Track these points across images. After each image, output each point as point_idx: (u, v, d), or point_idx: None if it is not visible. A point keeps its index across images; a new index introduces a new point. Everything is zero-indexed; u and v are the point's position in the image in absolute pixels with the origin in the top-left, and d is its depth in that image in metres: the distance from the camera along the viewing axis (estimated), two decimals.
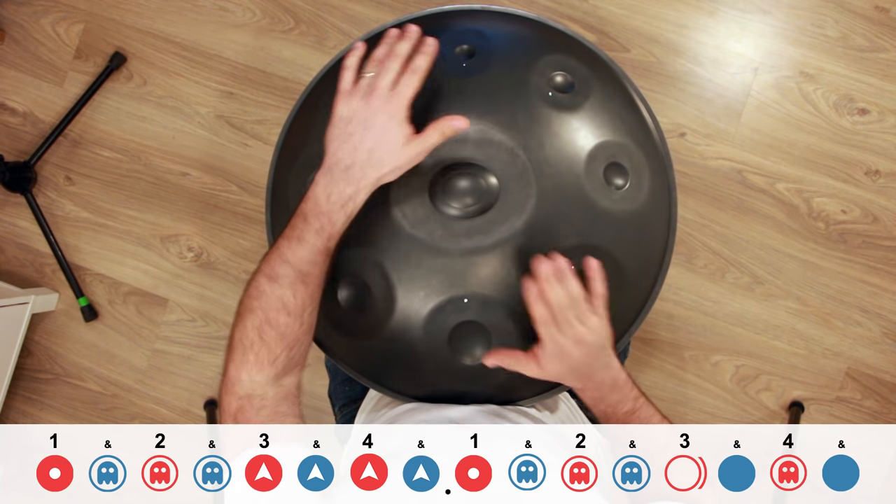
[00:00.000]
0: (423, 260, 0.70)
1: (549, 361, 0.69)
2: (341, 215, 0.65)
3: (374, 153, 0.64)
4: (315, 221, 0.64)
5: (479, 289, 0.70)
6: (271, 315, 0.64)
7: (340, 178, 0.64)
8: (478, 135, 0.71)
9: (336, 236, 0.66)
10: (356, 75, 0.66)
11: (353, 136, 0.64)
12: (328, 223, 0.64)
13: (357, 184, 0.64)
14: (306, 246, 0.64)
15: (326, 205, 0.64)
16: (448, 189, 0.71)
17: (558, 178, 0.70)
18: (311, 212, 0.65)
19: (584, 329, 0.67)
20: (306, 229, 0.64)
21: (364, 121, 0.64)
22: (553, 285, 0.66)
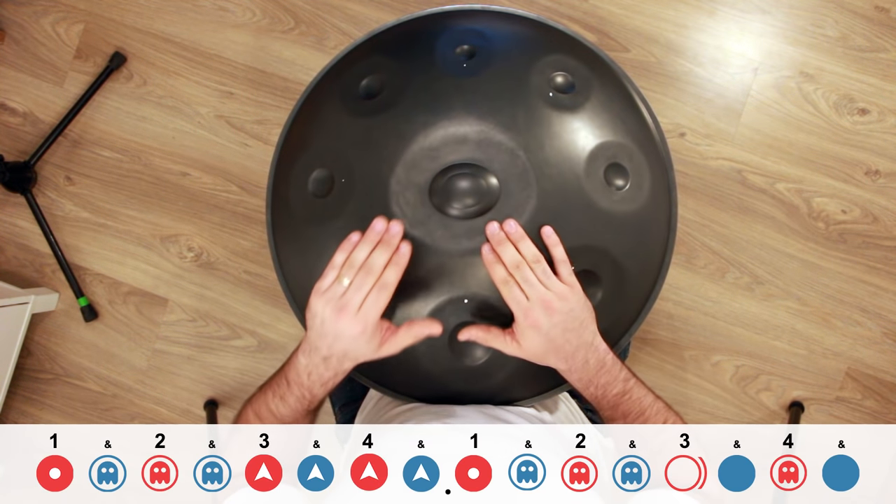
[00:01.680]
0: (424, 260, 0.70)
1: (523, 334, 0.68)
2: (321, 391, 0.70)
3: (347, 355, 0.68)
4: (296, 390, 0.70)
5: (479, 289, 0.70)
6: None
7: (320, 364, 0.68)
8: (478, 135, 0.71)
9: (317, 402, 0.71)
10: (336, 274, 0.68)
11: (326, 336, 0.67)
12: (308, 395, 0.70)
13: (335, 370, 0.69)
14: (288, 407, 0.70)
15: (307, 381, 0.69)
16: (448, 189, 0.71)
17: (559, 178, 0.70)
18: (294, 381, 0.70)
19: (549, 294, 0.67)
20: (289, 393, 0.70)
21: (334, 332, 0.67)
22: (505, 245, 0.67)
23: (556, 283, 0.67)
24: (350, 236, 0.69)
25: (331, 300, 0.66)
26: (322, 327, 0.67)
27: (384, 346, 0.68)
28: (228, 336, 1.60)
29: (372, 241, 0.67)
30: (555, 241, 0.69)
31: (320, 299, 0.67)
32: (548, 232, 0.69)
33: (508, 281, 0.67)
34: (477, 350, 0.73)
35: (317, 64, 1.56)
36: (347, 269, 0.67)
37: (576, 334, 0.68)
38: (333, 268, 0.68)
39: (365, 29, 1.55)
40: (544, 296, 0.67)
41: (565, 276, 0.68)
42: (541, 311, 0.67)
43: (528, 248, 0.67)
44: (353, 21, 1.56)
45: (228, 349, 1.60)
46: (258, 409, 0.72)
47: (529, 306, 0.67)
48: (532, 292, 0.67)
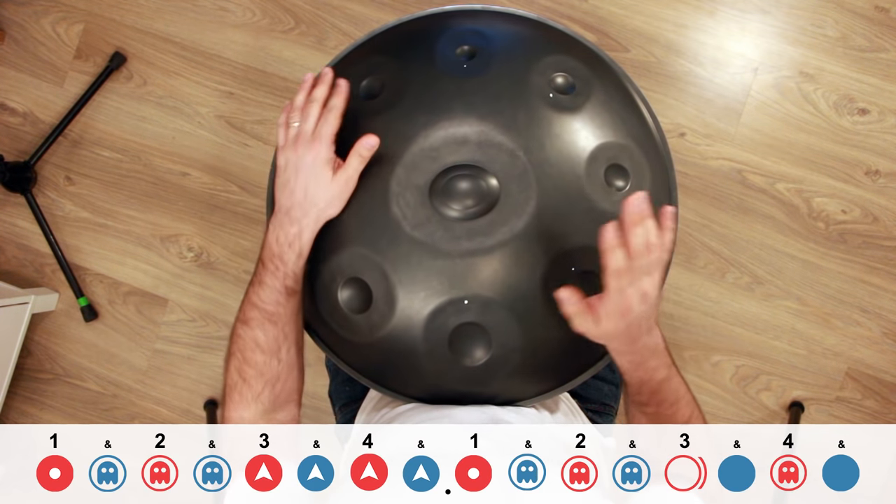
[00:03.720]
0: (424, 261, 0.70)
1: (609, 317, 0.63)
2: (290, 254, 0.70)
3: (308, 192, 0.69)
4: (270, 264, 0.71)
5: (479, 290, 0.70)
6: (248, 355, 0.71)
7: (284, 220, 0.70)
8: (478, 136, 0.71)
9: (292, 275, 0.71)
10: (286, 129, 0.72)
11: (289, 181, 0.70)
12: (280, 263, 0.70)
13: (299, 223, 0.70)
14: (267, 288, 0.71)
15: (276, 247, 0.70)
16: (448, 191, 0.71)
17: (559, 179, 0.70)
18: (266, 256, 0.71)
19: (650, 283, 0.61)
20: (264, 273, 0.71)
21: (295, 166, 0.70)
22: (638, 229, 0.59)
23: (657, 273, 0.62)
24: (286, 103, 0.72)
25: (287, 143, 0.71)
26: (285, 173, 0.70)
27: (338, 174, 0.69)
28: (228, 336, 1.60)
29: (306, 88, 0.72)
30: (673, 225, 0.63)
31: (280, 152, 0.71)
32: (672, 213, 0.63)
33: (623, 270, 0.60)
34: (477, 350, 0.73)
35: (317, 64, 1.56)
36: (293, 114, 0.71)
37: (648, 319, 0.64)
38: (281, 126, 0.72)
39: (365, 29, 1.55)
40: (646, 286, 0.61)
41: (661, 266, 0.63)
42: (638, 299, 0.61)
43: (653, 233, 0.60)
44: (353, 21, 1.56)
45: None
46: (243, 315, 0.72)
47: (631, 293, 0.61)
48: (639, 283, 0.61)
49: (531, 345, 0.72)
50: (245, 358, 0.71)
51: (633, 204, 0.60)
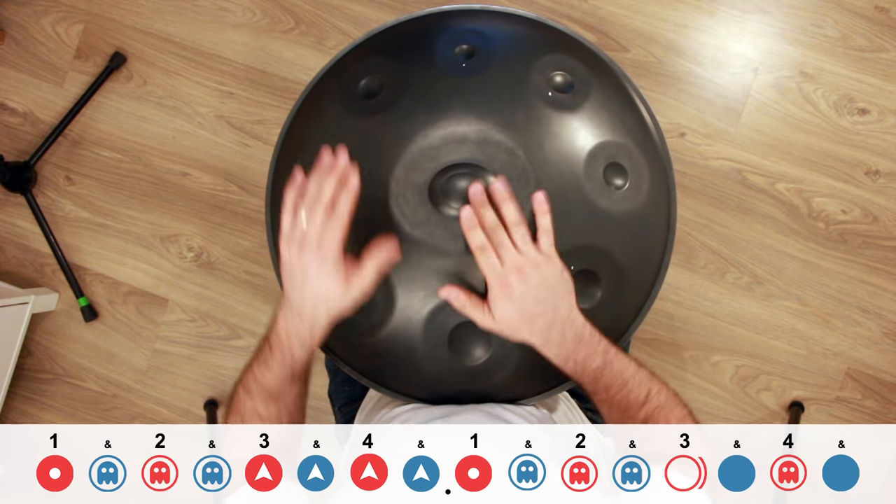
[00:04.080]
0: (423, 260, 0.70)
1: (496, 302, 0.66)
2: (300, 351, 0.69)
3: (318, 297, 0.67)
4: (277, 353, 0.69)
5: (479, 289, 0.70)
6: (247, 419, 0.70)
7: (295, 318, 0.68)
8: (477, 135, 0.71)
9: (299, 365, 0.70)
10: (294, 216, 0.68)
11: (295, 281, 0.67)
12: (289, 356, 0.69)
13: (311, 323, 0.68)
14: (272, 373, 0.69)
15: (286, 340, 0.69)
16: (448, 189, 0.71)
17: (558, 178, 0.70)
18: (275, 344, 0.69)
19: (523, 259, 0.65)
20: (271, 357, 0.69)
21: (302, 272, 0.67)
22: (486, 208, 0.66)
23: (531, 250, 0.66)
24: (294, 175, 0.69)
25: (292, 241, 0.67)
26: (291, 273, 0.67)
27: (351, 281, 0.67)
28: (228, 336, 1.60)
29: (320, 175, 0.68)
30: (544, 209, 0.67)
31: (285, 245, 0.68)
32: (540, 199, 0.67)
33: (486, 247, 0.66)
34: (477, 350, 0.73)
35: (317, 64, 1.55)
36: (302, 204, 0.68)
37: (550, 305, 0.66)
38: (288, 211, 0.68)
39: (365, 29, 1.55)
40: (517, 261, 0.65)
41: (544, 246, 0.66)
42: (514, 276, 0.65)
43: (511, 210, 0.66)
44: (353, 21, 1.56)
45: (228, 349, 1.60)
46: (246, 383, 0.71)
47: (503, 272, 0.65)
48: (507, 257, 0.65)
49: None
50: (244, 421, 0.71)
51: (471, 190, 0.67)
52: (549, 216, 0.67)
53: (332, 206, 0.66)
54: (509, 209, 0.66)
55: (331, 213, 0.66)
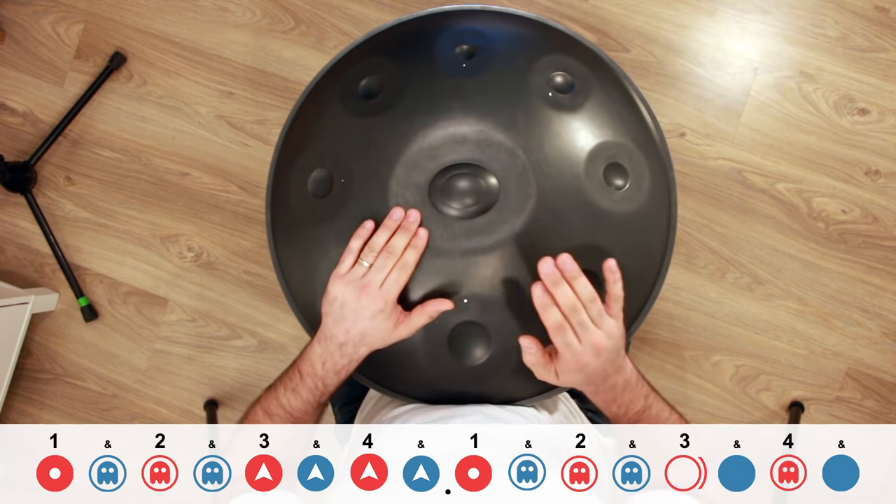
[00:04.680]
0: (423, 260, 0.70)
1: (566, 373, 0.66)
2: (334, 380, 0.71)
3: (364, 336, 0.69)
4: (309, 381, 0.71)
5: (479, 289, 0.70)
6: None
7: (335, 350, 0.70)
8: (478, 135, 0.71)
9: (328, 394, 0.72)
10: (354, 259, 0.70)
11: (345, 319, 0.69)
12: (321, 385, 0.71)
13: (350, 357, 0.70)
14: (300, 399, 0.71)
15: (321, 370, 0.70)
16: (448, 189, 0.71)
17: (558, 178, 0.70)
18: (307, 372, 0.71)
19: (601, 335, 0.64)
20: (301, 385, 0.71)
21: (354, 311, 0.69)
22: (562, 287, 0.63)
23: (608, 322, 0.65)
24: (364, 223, 0.70)
25: (351, 282, 0.69)
26: (342, 310, 0.69)
27: (399, 327, 0.69)
28: (228, 336, 1.60)
29: (390, 228, 0.70)
30: (616, 277, 0.65)
31: (340, 282, 0.69)
32: (612, 267, 0.65)
33: (564, 326, 0.64)
34: (476, 350, 0.73)
35: (317, 64, 1.56)
36: (367, 252, 0.69)
37: (613, 366, 0.67)
38: (351, 253, 0.70)
39: (365, 29, 1.55)
40: (596, 338, 0.64)
41: (615, 311, 0.66)
42: (591, 354, 0.64)
43: (585, 286, 0.64)
44: (353, 21, 1.56)
45: (228, 349, 1.60)
46: (267, 406, 0.72)
47: (582, 350, 0.64)
48: (586, 336, 0.64)
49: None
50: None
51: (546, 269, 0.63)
52: (620, 283, 0.66)
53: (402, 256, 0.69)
54: (584, 286, 0.64)
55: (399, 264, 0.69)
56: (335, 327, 0.69)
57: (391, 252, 0.68)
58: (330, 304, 0.70)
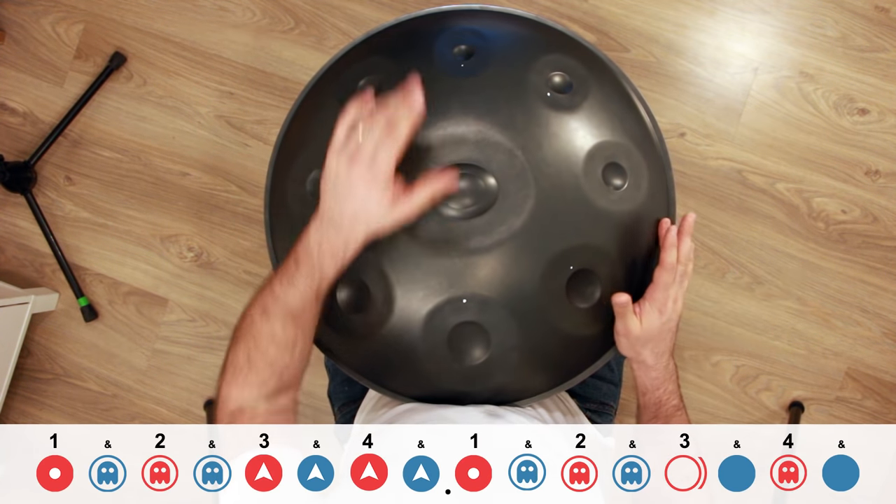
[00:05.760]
0: (422, 260, 0.70)
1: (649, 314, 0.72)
2: (331, 265, 0.67)
3: (359, 213, 0.66)
4: (305, 267, 0.67)
5: (477, 289, 0.70)
6: (261, 344, 0.67)
7: (330, 230, 0.67)
8: (476, 135, 0.71)
9: (326, 283, 0.68)
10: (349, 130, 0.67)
11: (339, 194, 0.66)
12: (318, 271, 0.67)
13: (346, 238, 0.67)
14: (296, 290, 0.67)
15: (317, 254, 0.67)
16: None
17: (557, 178, 0.70)
18: (303, 259, 0.67)
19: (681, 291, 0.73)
20: (297, 274, 0.67)
21: (349, 183, 0.66)
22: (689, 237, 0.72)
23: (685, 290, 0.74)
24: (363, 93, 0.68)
25: (344, 152, 0.66)
26: (335, 185, 0.66)
27: (398, 204, 0.66)
28: (228, 336, 1.60)
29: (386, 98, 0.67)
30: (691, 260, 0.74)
31: (334, 155, 0.67)
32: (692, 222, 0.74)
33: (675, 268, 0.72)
34: (475, 350, 0.73)
35: (316, 64, 1.55)
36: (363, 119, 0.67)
37: (672, 335, 0.74)
38: (345, 123, 0.67)
39: (365, 29, 1.55)
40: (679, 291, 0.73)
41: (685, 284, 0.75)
42: (671, 303, 0.72)
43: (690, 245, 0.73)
44: (353, 21, 1.56)
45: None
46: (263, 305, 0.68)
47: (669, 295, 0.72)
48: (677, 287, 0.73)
49: (530, 344, 0.72)
50: (257, 345, 0.67)
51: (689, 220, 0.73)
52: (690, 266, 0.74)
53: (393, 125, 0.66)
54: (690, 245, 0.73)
55: (390, 132, 0.65)
56: (332, 206, 0.66)
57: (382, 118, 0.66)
58: (326, 181, 0.67)
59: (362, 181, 0.65)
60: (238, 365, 0.67)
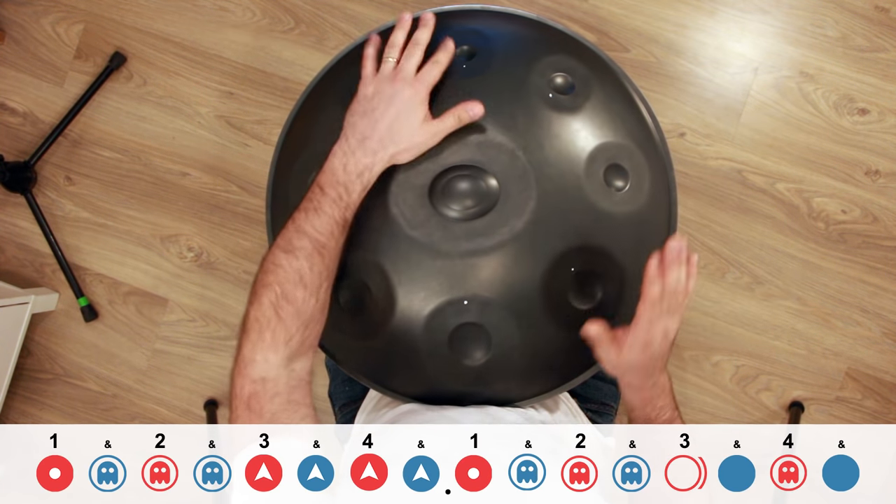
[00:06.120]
0: (423, 262, 0.70)
1: (632, 348, 0.67)
2: (357, 185, 0.66)
3: (393, 127, 0.66)
4: (332, 191, 0.66)
5: (479, 291, 0.70)
6: (288, 289, 0.63)
7: (357, 148, 0.66)
8: (478, 136, 0.71)
9: (353, 207, 0.67)
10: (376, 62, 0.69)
11: (375, 110, 0.66)
12: (345, 193, 0.66)
13: (374, 155, 0.66)
14: (323, 216, 0.65)
15: (343, 174, 0.66)
16: (448, 191, 0.71)
17: (558, 179, 0.70)
18: (328, 182, 0.66)
19: (672, 323, 0.66)
20: (324, 199, 0.65)
21: (388, 97, 0.66)
22: (676, 267, 0.64)
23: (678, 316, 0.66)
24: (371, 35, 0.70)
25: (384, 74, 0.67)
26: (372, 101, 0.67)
27: (430, 123, 0.67)
28: (228, 336, 1.60)
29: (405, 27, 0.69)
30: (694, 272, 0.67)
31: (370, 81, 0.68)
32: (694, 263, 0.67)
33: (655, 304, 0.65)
34: (477, 351, 0.73)
35: (317, 64, 1.55)
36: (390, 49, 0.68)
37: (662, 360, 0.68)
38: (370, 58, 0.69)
39: (365, 29, 1.55)
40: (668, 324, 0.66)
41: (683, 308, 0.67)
42: (660, 336, 0.66)
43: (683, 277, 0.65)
44: (353, 21, 1.56)
45: (228, 349, 1.60)
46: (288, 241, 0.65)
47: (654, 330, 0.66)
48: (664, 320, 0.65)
49: (531, 344, 0.72)
50: (285, 292, 0.63)
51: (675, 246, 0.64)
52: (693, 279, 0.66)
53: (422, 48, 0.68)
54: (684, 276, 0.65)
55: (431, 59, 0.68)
56: (361, 122, 0.66)
57: (418, 42, 0.68)
58: (359, 103, 0.67)
59: (406, 90, 0.66)
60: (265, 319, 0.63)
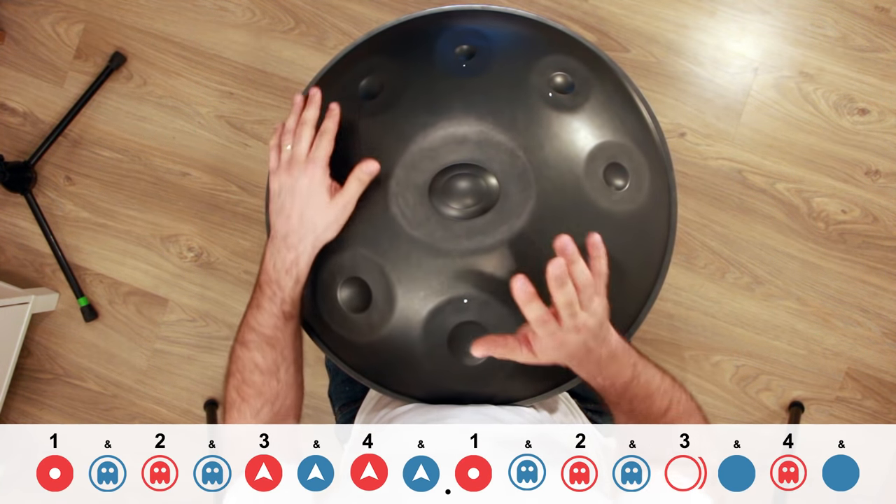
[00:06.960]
0: (423, 261, 0.70)
1: (545, 352, 0.65)
2: (288, 280, 0.70)
3: (304, 217, 0.69)
4: (267, 289, 0.71)
5: (478, 290, 0.70)
6: (246, 375, 0.71)
7: (282, 246, 0.70)
8: (478, 136, 0.71)
9: (289, 300, 0.71)
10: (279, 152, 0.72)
11: (284, 206, 0.70)
12: (278, 289, 0.70)
13: (296, 249, 0.70)
14: (265, 313, 0.71)
15: (274, 272, 0.70)
16: (448, 190, 0.71)
17: (558, 178, 0.70)
18: (265, 280, 0.71)
19: (585, 316, 0.62)
20: (262, 297, 0.71)
21: (290, 189, 0.70)
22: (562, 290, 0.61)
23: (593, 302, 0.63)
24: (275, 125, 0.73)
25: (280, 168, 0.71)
26: (280, 197, 0.70)
27: (335, 198, 0.69)
28: (228, 336, 1.60)
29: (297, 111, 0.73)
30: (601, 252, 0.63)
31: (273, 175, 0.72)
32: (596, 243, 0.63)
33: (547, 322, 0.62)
34: None
35: (317, 64, 1.55)
36: (286, 137, 0.72)
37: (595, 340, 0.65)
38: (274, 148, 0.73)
39: (365, 29, 1.55)
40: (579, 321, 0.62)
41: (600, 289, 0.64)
42: (572, 334, 0.63)
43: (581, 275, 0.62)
44: (353, 21, 1.56)
45: (228, 349, 1.60)
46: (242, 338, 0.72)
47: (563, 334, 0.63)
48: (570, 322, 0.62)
49: None
50: (244, 378, 0.71)
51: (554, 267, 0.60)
52: (604, 259, 0.64)
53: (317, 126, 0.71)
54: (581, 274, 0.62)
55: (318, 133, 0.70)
56: (278, 221, 0.70)
57: (305, 122, 0.71)
58: (272, 202, 0.71)
59: (303, 179, 0.69)
60: (230, 401, 0.72)
